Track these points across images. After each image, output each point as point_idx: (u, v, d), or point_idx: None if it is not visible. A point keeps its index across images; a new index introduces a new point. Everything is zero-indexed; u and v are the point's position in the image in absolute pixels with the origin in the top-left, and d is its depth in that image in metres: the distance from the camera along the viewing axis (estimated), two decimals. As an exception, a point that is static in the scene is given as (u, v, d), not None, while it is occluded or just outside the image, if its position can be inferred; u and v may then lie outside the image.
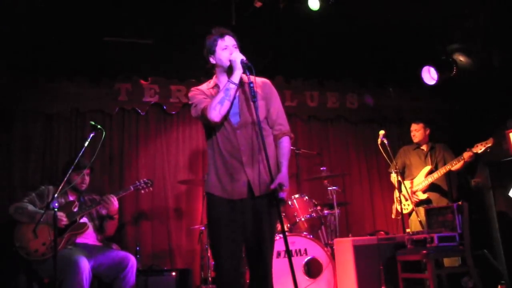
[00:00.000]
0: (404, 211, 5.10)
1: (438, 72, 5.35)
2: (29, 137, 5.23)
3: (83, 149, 3.67)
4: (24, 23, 4.64)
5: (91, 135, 3.72)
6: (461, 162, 4.92)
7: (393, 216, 5.42)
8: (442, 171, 5.03)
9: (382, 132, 4.93)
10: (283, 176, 2.77)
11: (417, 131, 5.32)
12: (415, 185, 5.15)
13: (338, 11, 4.84)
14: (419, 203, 5.03)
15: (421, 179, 5.14)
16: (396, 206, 5.26)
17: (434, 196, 5.10)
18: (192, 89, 3.02)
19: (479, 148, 4.81)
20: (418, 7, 4.81)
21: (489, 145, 4.77)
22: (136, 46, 5.18)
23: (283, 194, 2.69)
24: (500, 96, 5.44)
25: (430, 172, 5.10)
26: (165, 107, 5.67)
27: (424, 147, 5.32)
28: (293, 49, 5.50)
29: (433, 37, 5.31)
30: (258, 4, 4.64)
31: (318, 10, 4.71)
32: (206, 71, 3.09)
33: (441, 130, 6.03)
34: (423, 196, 5.06)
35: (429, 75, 5.46)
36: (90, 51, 5.07)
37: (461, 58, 5.29)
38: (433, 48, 5.45)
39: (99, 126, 3.74)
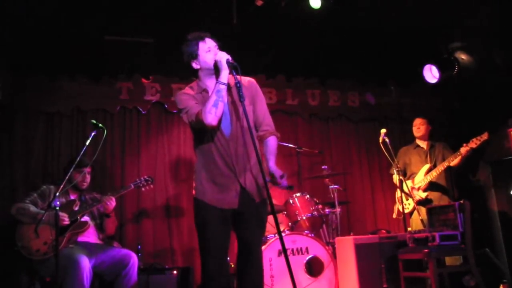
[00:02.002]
0: (406, 210, 5.10)
1: (439, 70, 5.33)
2: (31, 136, 5.23)
3: (84, 148, 3.66)
4: (25, 22, 4.64)
5: (93, 133, 3.71)
6: (459, 158, 4.91)
7: (394, 216, 5.41)
8: (440, 168, 5.02)
9: (383, 131, 4.92)
10: (275, 168, 2.78)
11: (421, 125, 5.31)
12: (415, 184, 5.14)
13: (339, 9, 4.83)
14: (420, 202, 5.02)
15: (421, 177, 5.13)
16: (397, 206, 5.25)
17: (434, 195, 5.09)
18: (179, 93, 2.95)
19: (475, 143, 4.81)
20: (419, 5, 4.80)
21: (485, 139, 4.77)
22: (137, 45, 5.17)
23: (285, 182, 2.70)
24: (502, 94, 5.43)
25: (430, 170, 5.09)
26: (166, 106, 5.67)
27: (424, 146, 5.31)
28: (295, 47, 5.48)
29: (434, 35, 5.30)
30: (259, 3, 4.63)
31: (319, 8, 4.70)
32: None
33: (442, 129, 6.02)
34: (423, 195, 5.06)
35: (431, 74, 5.45)
36: (91, 50, 5.07)
37: (462, 57, 5.28)
38: (434, 47, 5.44)
39: (100, 125, 3.74)
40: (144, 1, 4.66)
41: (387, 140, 4.86)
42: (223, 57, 2.77)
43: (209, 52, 2.85)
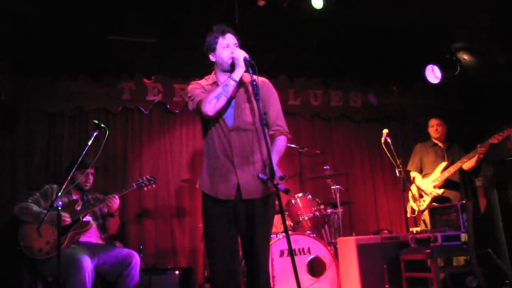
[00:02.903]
0: (421, 207, 5.07)
1: (442, 70, 5.32)
2: (33, 136, 5.25)
3: (86, 148, 3.66)
4: (27, 23, 4.65)
5: (95, 134, 3.72)
6: (475, 158, 4.88)
7: (408, 215, 5.34)
8: (458, 164, 4.99)
9: (385, 131, 4.91)
10: (277, 168, 2.72)
11: (439, 126, 5.30)
12: (431, 181, 5.12)
13: (341, 10, 4.83)
14: (436, 199, 5.00)
15: (437, 175, 5.12)
16: (411, 204, 5.20)
17: (448, 192, 5.07)
18: (192, 82, 2.99)
19: (497, 139, 4.80)
20: (422, 5, 4.80)
21: (508, 134, 4.75)
22: (139, 45, 5.18)
23: (282, 186, 2.67)
24: (504, 94, 5.42)
25: (446, 168, 5.08)
26: (168, 106, 5.68)
27: (441, 145, 5.30)
28: (297, 47, 5.49)
29: (437, 35, 5.29)
30: (262, 3, 4.63)
31: (321, 8, 4.70)
32: (209, 70, 3.07)
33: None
34: (440, 191, 5.05)
35: (433, 74, 5.44)
36: (94, 50, 5.08)
37: (465, 57, 5.27)
38: (437, 47, 5.43)
39: (102, 125, 3.74)
40: (146, 1, 4.67)
41: (389, 140, 4.85)
42: (241, 55, 2.77)
43: (226, 48, 2.85)
